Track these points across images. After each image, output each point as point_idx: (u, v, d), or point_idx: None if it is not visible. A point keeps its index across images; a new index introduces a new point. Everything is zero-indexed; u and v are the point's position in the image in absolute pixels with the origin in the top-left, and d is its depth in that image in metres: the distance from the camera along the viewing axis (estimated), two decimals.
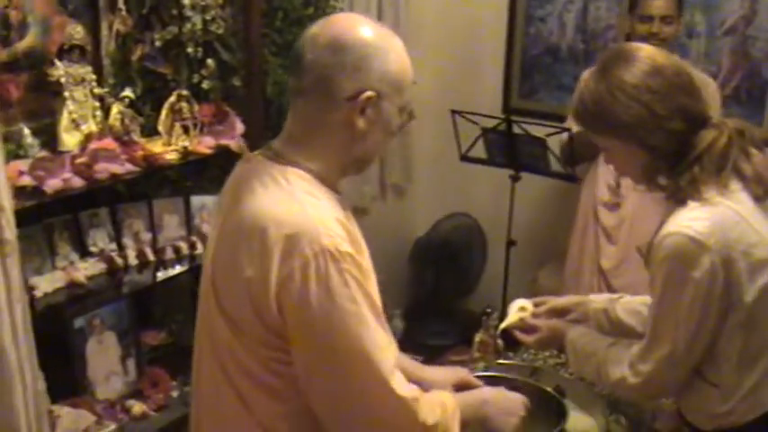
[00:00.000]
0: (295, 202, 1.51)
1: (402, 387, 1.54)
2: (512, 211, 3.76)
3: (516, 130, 3.54)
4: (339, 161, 1.60)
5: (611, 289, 3.46)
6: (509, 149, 3.60)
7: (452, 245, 4.56)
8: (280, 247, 1.46)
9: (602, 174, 3.45)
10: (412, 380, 1.97)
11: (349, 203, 1.64)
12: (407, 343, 4.45)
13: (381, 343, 1.51)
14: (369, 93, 1.53)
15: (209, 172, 2.85)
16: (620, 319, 2.17)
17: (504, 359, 2.51)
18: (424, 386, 1.97)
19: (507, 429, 1.82)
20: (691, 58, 3.86)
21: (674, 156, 1.80)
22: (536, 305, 2.26)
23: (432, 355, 4.03)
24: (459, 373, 2.01)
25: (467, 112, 3.64)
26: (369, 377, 1.51)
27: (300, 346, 1.51)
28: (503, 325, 2.24)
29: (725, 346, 1.81)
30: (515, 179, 3.70)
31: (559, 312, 2.25)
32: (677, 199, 1.80)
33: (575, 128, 3.40)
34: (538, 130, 3.50)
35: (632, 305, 2.18)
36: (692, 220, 1.74)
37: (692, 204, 1.76)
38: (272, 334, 1.51)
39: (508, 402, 1.87)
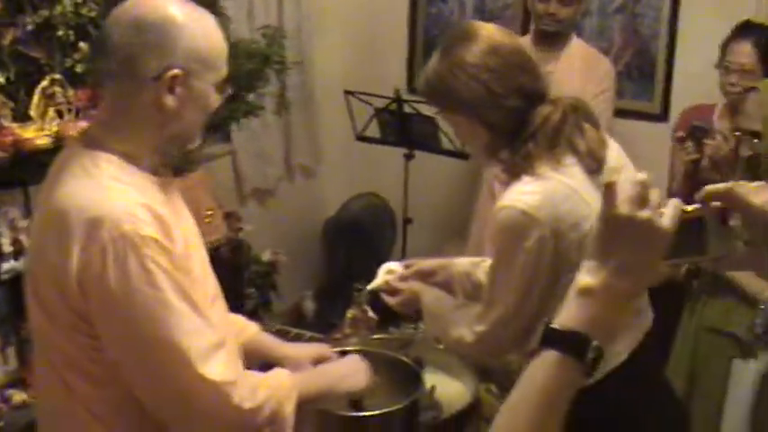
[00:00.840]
0: (99, 188, 1.51)
1: (215, 371, 1.52)
2: (407, 190, 3.81)
3: (407, 109, 3.58)
4: (152, 142, 1.60)
5: None
6: (401, 128, 3.64)
7: (362, 224, 4.59)
8: (80, 233, 1.46)
9: None
10: (270, 357, 2.01)
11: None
12: (319, 323, 4.49)
13: (189, 328, 1.50)
14: (175, 71, 1.53)
15: None
16: (480, 281, 2.22)
17: (383, 333, 2.55)
18: (283, 364, 2.01)
19: (360, 385, 1.85)
20: (584, 35, 3.93)
21: (513, 132, 1.85)
22: (406, 267, 2.31)
23: None
24: (318, 348, 2.03)
25: (359, 93, 3.66)
26: (174, 363, 1.50)
27: (106, 333, 1.52)
28: (369, 287, 2.29)
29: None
30: (409, 157, 3.74)
31: (426, 274, 2.29)
32: (512, 173, 1.86)
33: None
34: (429, 109, 3.53)
35: None
36: (523, 194, 1.80)
37: (525, 179, 1.82)
38: (81, 320, 1.51)
39: (346, 364, 1.90)
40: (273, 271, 3.78)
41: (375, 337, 2.47)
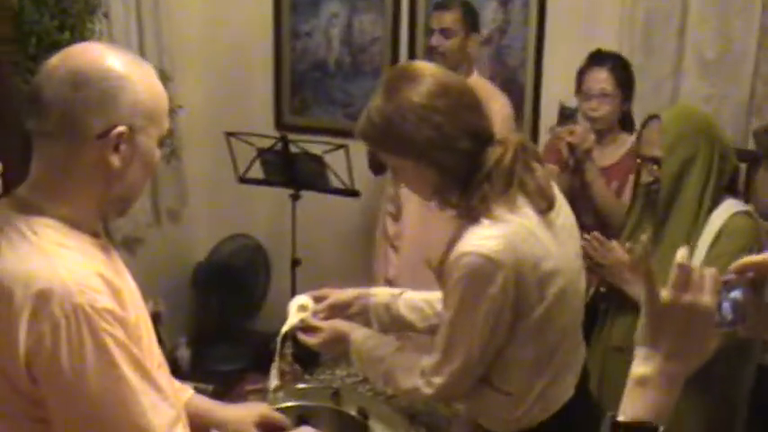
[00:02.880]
0: (43, 256, 1.37)
1: None
2: (294, 230, 3.72)
3: (293, 148, 3.51)
4: (95, 204, 1.47)
5: None
6: (287, 168, 3.56)
7: (234, 267, 4.45)
8: (28, 310, 1.32)
9: (387, 185, 3.51)
10: (211, 422, 1.89)
11: (118, 239, 1.50)
12: (197, 371, 4.33)
13: (148, 405, 1.40)
14: (120, 128, 1.41)
15: None
16: (401, 314, 2.20)
17: (302, 383, 2.46)
18: (226, 428, 1.89)
19: None
20: None
21: (465, 174, 1.81)
22: (316, 300, 2.21)
23: (224, 382, 3.92)
24: (260, 408, 1.93)
25: (241, 134, 3.56)
26: None
27: (60, 418, 1.38)
28: (284, 329, 2.14)
29: (515, 355, 1.86)
30: (296, 198, 3.66)
31: (341, 307, 2.22)
32: (470, 217, 1.80)
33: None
34: (314, 148, 3.49)
35: (413, 302, 2.22)
36: (485, 238, 1.75)
37: (484, 222, 1.77)
38: (31, 405, 1.37)
39: None
40: (157, 322, 3.58)
41: (299, 387, 2.36)
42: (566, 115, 3.06)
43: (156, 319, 3.63)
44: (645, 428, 1.11)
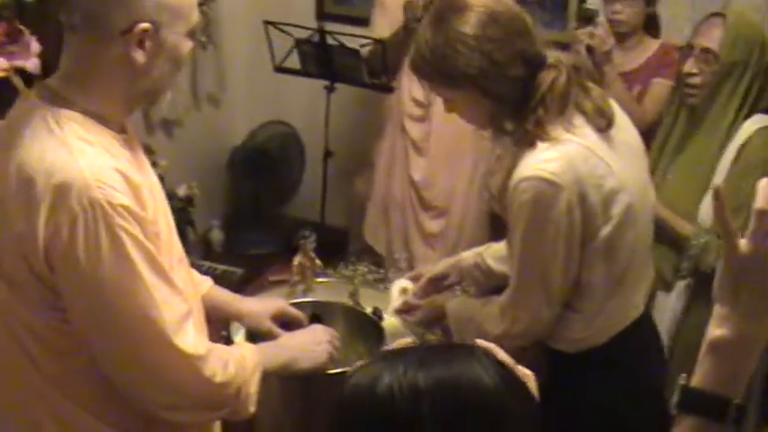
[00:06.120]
0: (65, 149, 1.41)
1: (187, 343, 1.49)
2: (327, 123, 3.74)
3: (330, 40, 3.50)
4: (122, 98, 1.51)
5: (422, 201, 3.54)
6: (323, 60, 3.56)
7: (270, 152, 4.49)
8: (48, 201, 1.38)
9: (407, 86, 3.46)
10: (228, 314, 1.97)
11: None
12: (229, 254, 4.45)
13: (159, 299, 1.46)
14: (143, 25, 1.43)
15: (5, 95, 2.65)
16: (490, 268, 2.21)
17: (323, 277, 2.54)
18: (242, 320, 1.97)
19: (321, 359, 1.81)
20: None
21: (518, 100, 1.80)
22: (413, 279, 2.27)
23: (253, 265, 4.03)
24: (277, 303, 2.01)
25: (280, 23, 3.55)
26: (146, 335, 1.46)
27: (74, 307, 1.45)
28: (390, 310, 2.26)
29: (587, 275, 1.85)
30: (330, 90, 3.67)
31: (438, 280, 2.27)
32: (526, 142, 1.78)
33: (384, 33, 3.40)
34: (351, 41, 3.48)
35: (499, 252, 2.20)
36: (544, 161, 1.73)
37: (541, 145, 1.76)
38: (49, 291, 1.45)
39: (309, 336, 1.85)
40: (189, 206, 3.68)
41: (319, 281, 2.45)
42: (586, 17, 3.04)
43: (189, 202, 3.75)
44: (716, 402, 1.00)
